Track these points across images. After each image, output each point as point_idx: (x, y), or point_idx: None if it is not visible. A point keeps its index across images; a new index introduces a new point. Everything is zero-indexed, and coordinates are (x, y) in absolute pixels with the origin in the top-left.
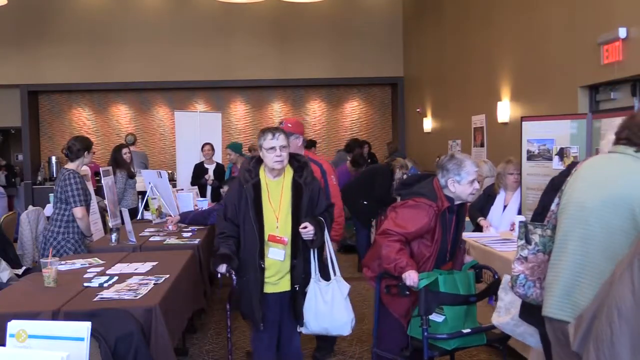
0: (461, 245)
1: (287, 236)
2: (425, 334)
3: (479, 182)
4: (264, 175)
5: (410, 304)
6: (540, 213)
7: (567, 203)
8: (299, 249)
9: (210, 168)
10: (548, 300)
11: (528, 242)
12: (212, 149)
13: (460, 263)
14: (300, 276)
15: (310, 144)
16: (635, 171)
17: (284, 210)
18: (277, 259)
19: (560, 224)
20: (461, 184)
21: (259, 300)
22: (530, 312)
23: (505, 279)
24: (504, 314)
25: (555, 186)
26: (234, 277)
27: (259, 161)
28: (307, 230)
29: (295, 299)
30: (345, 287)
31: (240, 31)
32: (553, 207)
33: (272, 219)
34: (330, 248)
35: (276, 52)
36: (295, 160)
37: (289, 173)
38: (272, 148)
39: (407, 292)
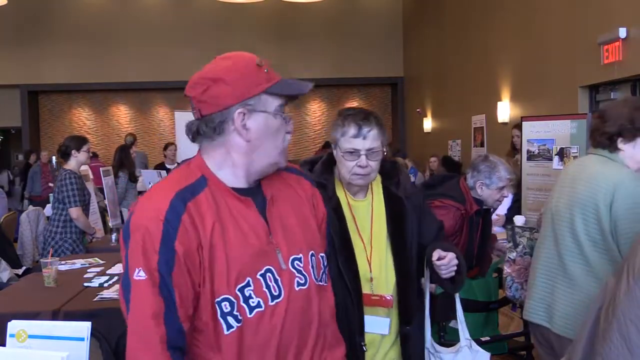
0: (489, 251)
1: (389, 292)
2: (442, 340)
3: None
4: (342, 191)
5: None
6: None
7: (546, 207)
8: (413, 305)
9: (172, 168)
10: (526, 303)
11: (515, 244)
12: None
13: (486, 270)
14: (418, 350)
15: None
16: (601, 172)
17: (379, 247)
18: (377, 332)
19: (542, 227)
20: (490, 188)
21: None
22: None
23: None
24: None
25: None
26: None
27: (329, 165)
28: (448, 260)
29: None
30: (484, 356)
31: (240, 31)
32: (542, 209)
33: (362, 267)
34: (456, 298)
35: (276, 52)
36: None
37: (376, 181)
38: (353, 152)
39: None
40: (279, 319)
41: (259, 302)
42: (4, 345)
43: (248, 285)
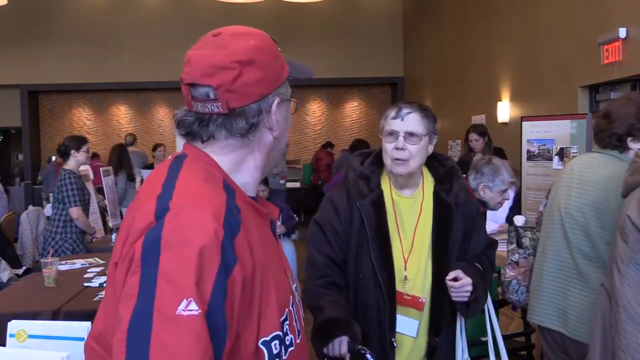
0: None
1: (424, 295)
2: None
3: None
4: (388, 187)
5: None
6: None
7: (551, 206)
8: (445, 316)
9: None
10: (534, 306)
11: (520, 246)
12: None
13: None
14: None
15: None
16: (613, 175)
17: (421, 249)
18: (405, 333)
19: (544, 227)
20: (492, 191)
21: None
22: None
23: None
24: None
25: None
26: (370, 357)
27: (379, 161)
28: (461, 284)
29: None
30: None
31: None
32: (541, 208)
33: (397, 263)
34: (492, 313)
35: None
36: (437, 162)
37: (428, 184)
38: (392, 134)
39: None
40: (303, 358)
41: (291, 339)
42: (4, 345)
43: (286, 318)
